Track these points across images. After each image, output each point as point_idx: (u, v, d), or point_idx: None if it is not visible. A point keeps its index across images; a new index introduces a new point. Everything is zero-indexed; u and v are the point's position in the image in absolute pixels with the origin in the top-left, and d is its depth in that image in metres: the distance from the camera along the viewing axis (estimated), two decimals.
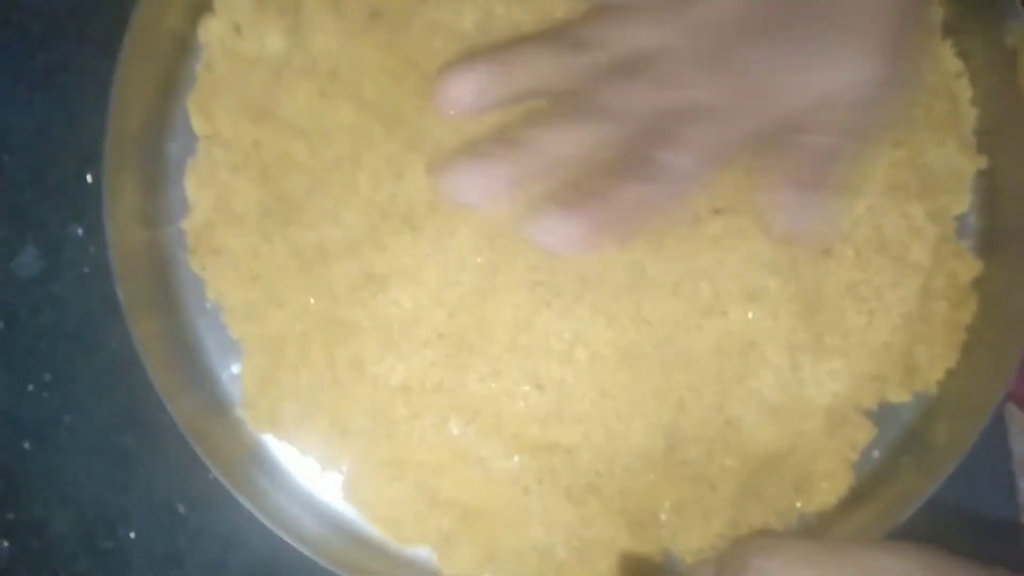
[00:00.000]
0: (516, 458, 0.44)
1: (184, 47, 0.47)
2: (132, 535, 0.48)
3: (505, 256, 0.44)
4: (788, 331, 0.44)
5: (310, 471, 0.45)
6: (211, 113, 0.46)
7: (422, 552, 0.45)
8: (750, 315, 0.44)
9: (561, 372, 0.44)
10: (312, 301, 0.45)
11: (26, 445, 0.48)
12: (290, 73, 0.45)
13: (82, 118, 0.48)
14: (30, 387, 0.48)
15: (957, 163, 0.46)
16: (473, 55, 0.40)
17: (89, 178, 0.49)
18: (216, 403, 0.46)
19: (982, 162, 0.46)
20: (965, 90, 0.46)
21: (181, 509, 0.48)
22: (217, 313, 0.46)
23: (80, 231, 0.49)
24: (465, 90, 0.39)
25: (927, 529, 0.41)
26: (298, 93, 0.45)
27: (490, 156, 0.38)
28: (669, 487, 0.44)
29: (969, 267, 0.46)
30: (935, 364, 0.45)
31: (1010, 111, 0.45)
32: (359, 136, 0.45)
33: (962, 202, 0.46)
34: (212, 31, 0.46)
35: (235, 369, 0.46)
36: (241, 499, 0.42)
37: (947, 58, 0.47)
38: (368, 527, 0.45)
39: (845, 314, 0.44)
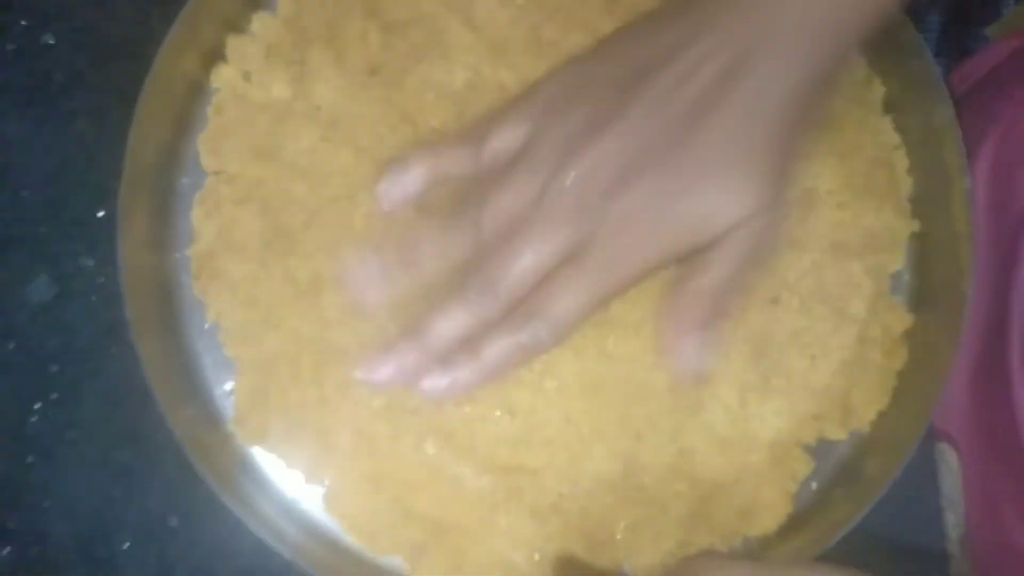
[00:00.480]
0: (486, 478, 0.46)
1: (197, 91, 0.50)
2: (126, 545, 0.50)
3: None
4: (738, 371, 0.47)
5: (294, 483, 0.48)
6: (220, 152, 0.49)
7: (395, 561, 0.47)
8: None
9: (531, 400, 0.47)
10: (304, 326, 0.47)
11: (30, 459, 0.50)
12: (294, 119, 0.49)
13: (96, 159, 0.52)
14: (37, 405, 0.51)
15: (893, 226, 0.50)
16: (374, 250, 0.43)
17: (100, 213, 0.52)
18: (210, 417, 0.48)
19: (915, 225, 0.50)
20: (902, 161, 0.50)
21: (173, 522, 0.50)
22: (215, 333, 0.48)
23: (91, 263, 0.52)
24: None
25: (865, 557, 0.44)
26: (301, 137, 0.49)
27: (399, 351, 0.41)
28: (625, 509, 0.47)
29: (901, 320, 0.49)
30: (869, 406, 0.48)
31: (940, 181, 0.49)
32: (354, 178, 0.48)
33: (897, 261, 0.50)
34: (224, 78, 0.50)
35: (228, 386, 0.49)
36: (229, 505, 0.44)
37: (887, 132, 0.51)
38: (346, 536, 0.47)
39: (789, 358, 0.48)
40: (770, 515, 0.48)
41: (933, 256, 0.50)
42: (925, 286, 0.50)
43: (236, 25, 0.50)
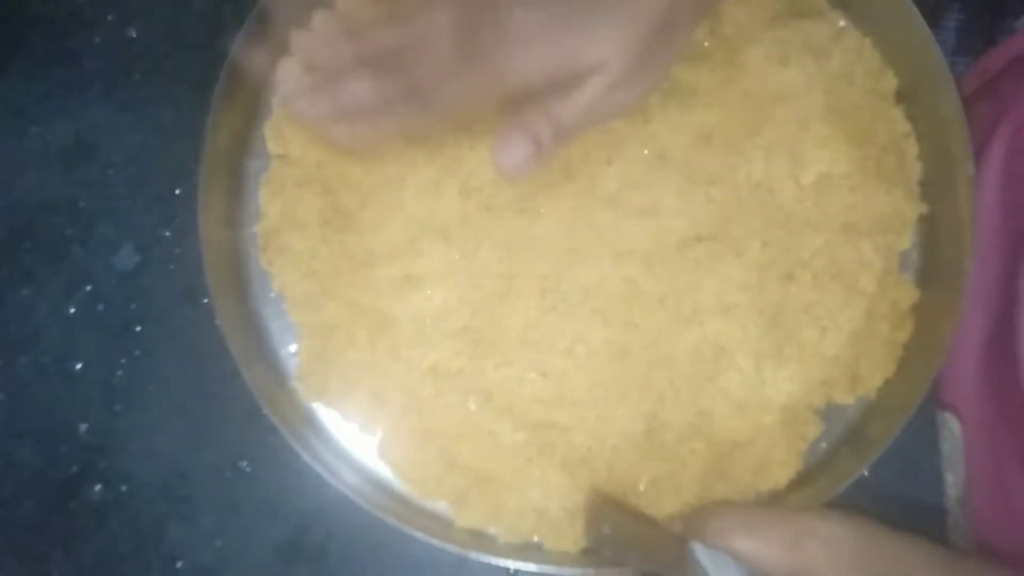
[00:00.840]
0: (521, 433, 0.50)
1: (264, 84, 0.53)
2: (201, 485, 0.55)
3: (521, 266, 0.51)
4: (754, 341, 0.51)
5: (350, 433, 0.52)
6: (284, 137, 0.54)
7: (440, 505, 0.51)
8: (723, 325, 0.51)
9: (563, 364, 0.51)
10: (359, 296, 0.52)
11: (117, 408, 0.56)
12: None
13: (173, 141, 0.57)
14: (122, 360, 0.56)
15: (903, 208, 0.53)
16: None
17: (177, 191, 0.57)
18: (277, 373, 0.53)
19: (923, 208, 0.53)
20: (912, 147, 0.53)
21: (242, 464, 0.55)
22: (280, 301, 0.53)
23: (168, 234, 0.57)
24: None
25: (870, 511, 0.45)
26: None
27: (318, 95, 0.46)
28: (647, 464, 0.50)
29: (908, 295, 0.52)
30: (875, 374, 0.52)
31: (946, 167, 0.51)
32: (405, 162, 0.52)
33: (905, 241, 0.53)
34: (288, 69, 0.52)
35: (292, 348, 0.54)
36: (298, 448, 0.49)
37: (898, 120, 0.53)
38: (396, 482, 0.52)
39: (802, 329, 0.51)
40: (782, 471, 0.51)
41: (939, 237, 0.53)
42: (931, 265, 0.53)
43: (300, 22, 0.53)
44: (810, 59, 0.53)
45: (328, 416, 0.53)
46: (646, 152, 0.52)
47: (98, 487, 0.55)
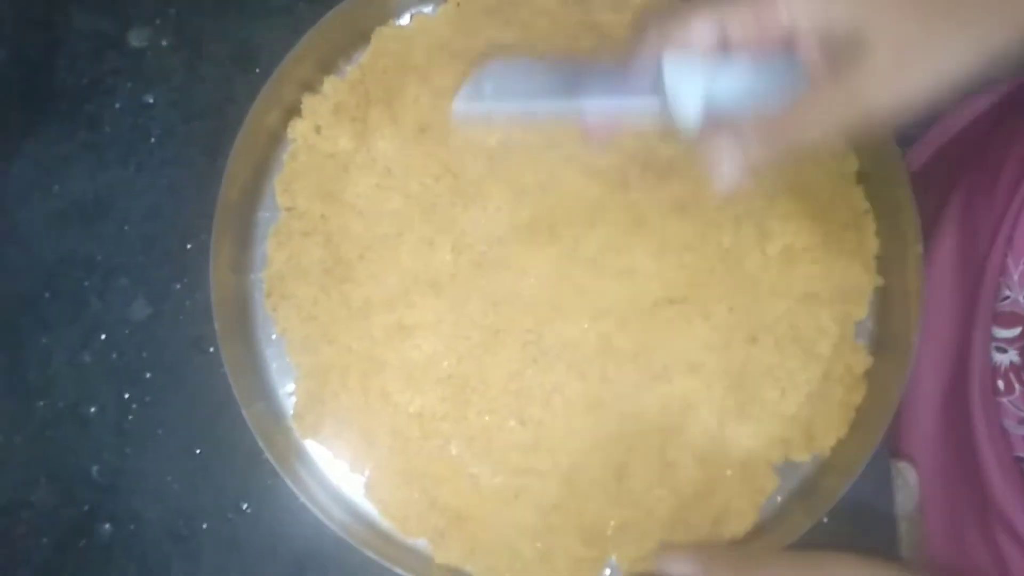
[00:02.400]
0: (500, 477, 0.54)
1: (276, 141, 0.58)
2: (204, 526, 0.58)
3: (506, 320, 0.55)
4: (719, 398, 0.54)
5: (340, 471, 0.56)
6: (292, 191, 0.57)
7: (421, 543, 0.55)
8: (690, 383, 0.54)
9: (540, 413, 0.54)
10: (355, 342, 0.55)
11: (128, 451, 0.59)
12: (355, 166, 0.57)
13: (185, 201, 0.60)
14: (134, 406, 0.59)
15: (860, 281, 0.56)
16: None
17: (189, 246, 0.60)
18: (274, 412, 0.57)
19: (879, 281, 0.57)
20: (870, 224, 0.57)
21: (244, 506, 0.58)
22: (281, 343, 0.57)
23: (179, 287, 0.60)
24: None
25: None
26: (359, 182, 0.57)
27: None
28: (616, 509, 0.54)
29: (862, 361, 0.56)
30: (830, 433, 0.55)
31: (899, 244, 0.55)
32: (403, 219, 0.56)
33: (861, 311, 0.56)
34: (298, 130, 0.58)
35: (290, 388, 0.57)
36: (289, 482, 0.52)
37: (858, 199, 0.57)
38: (380, 519, 0.55)
39: (763, 389, 0.55)
40: (740, 521, 0.54)
41: (891, 308, 0.56)
42: (884, 333, 0.57)
43: (311, 86, 0.58)
44: None
45: (320, 454, 0.56)
46: (627, 218, 0.56)
47: (107, 526, 0.58)
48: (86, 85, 0.61)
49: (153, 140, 0.61)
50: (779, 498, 0.56)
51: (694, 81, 0.38)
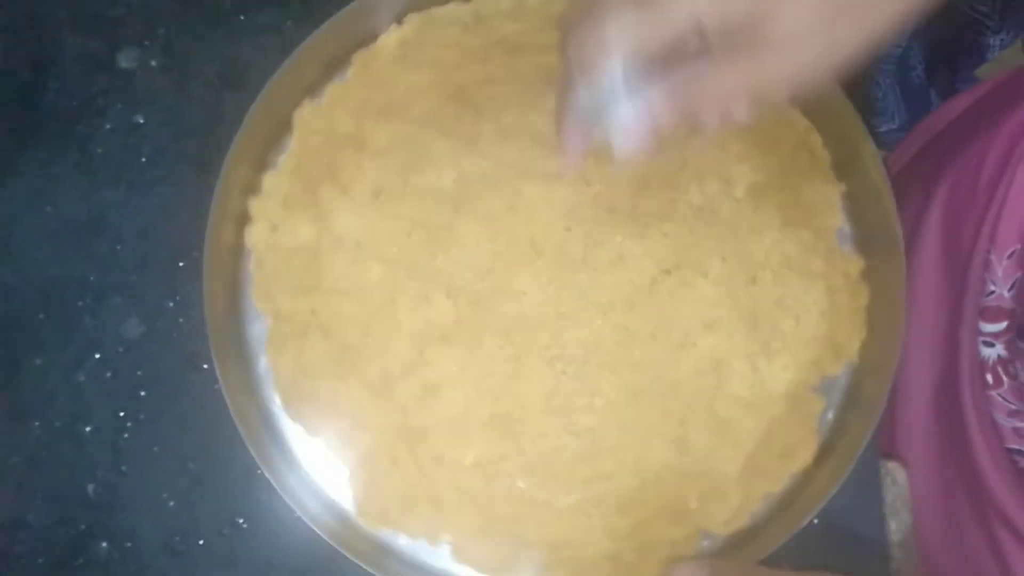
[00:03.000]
0: (573, 494, 0.54)
1: (238, 254, 0.57)
2: (201, 542, 0.57)
3: (523, 345, 0.55)
4: (743, 345, 0.55)
5: (334, 483, 0.56)
6: (271, 298, 0.56)
7: (419, 551, 0.55)
8: (712, 340, 0.55)
9: (588, 420, 0.54)
10: (388, 419, 0.55)
11: (123, 468, 0.58)
12: (324, 252, 0.56)
13: (177, 219, 0.61)
14: (129, 424, 0.59)
15: (826, 192, 0.58)
16: None
17: (181, 264, 0.60)
18: (270, 428, 0.57)
19: (842, 187, 0.59)
20: (817, 139, 0.59)
21: (240, 521, 0.57)
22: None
23: (172, 305, 0.60)
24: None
25: (819, 557, 0.53)
26: (334, 265, 0.56)
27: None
28: (691, 482, 0.54)
29: (855, 264, 0.58)
30: (852, 339, 0.56)
31: (850, 149, 0.57)
32: (389, 285, 0.56)
33: (836, 219, 0.58)
34: (255, 236, 0.57)
35: (343, 476, 0.56)
36: (285, 497, 0.52)
37: (797, 119, 0.59)
38: (374, 528, 0.55)
39: (779, 322, 0.56)
40: (804, 451, 0.55)
41: (862, 207, 0.58)
42: (865, 232, 0.59)
43: (253, 189, 0.57)
44: None
45: (316, 468, 0.56)
46: (599, 210, 0.57)
47: (104, 544, 0.57)
48: (77, 106, 0.61)
49: (144, 159, 0.61)
50: (829, 415, 0.57)
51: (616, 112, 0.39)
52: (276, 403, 0.56)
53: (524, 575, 0.54)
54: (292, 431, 0.56)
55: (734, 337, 0.55)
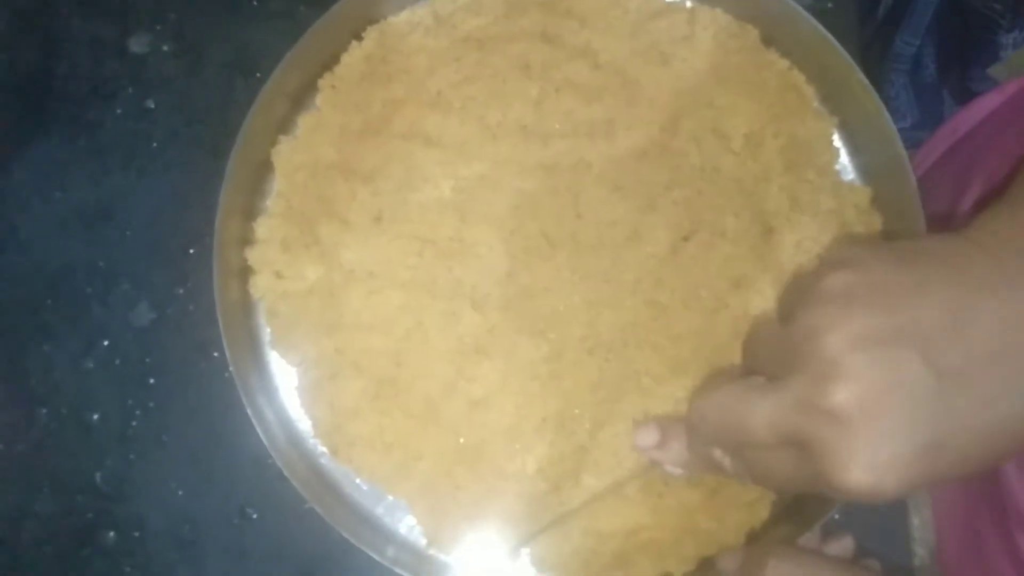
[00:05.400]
0: (641, 479, 0.53)
1: (248, 310, 0.55)
2: (210, 532, 0.57)
3: (559, 341, 0.54)
4: (773, 297, 0.54)
5: (343, 473, 0.55)
6: (293, 346, 0.55)
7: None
8: (743, 298, 0.54)
9: (644, 402, 0.53)
10: (440, 444, 0.53)
11: (132, 457, 0.58)
12: (337, 289, 0.54)
13: (188, 206, 0.60)
14: (138, 412, 0.58)
15: (819, 129, 0.58)
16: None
17: (191, 251, 0.59)
18: (281, 418, 0.55)
19: (834, 122, 0.59)
20: (799, 77, 0.59)
21: (249, 511, 0.57)
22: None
23: (182, 292, 0.60)
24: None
25: None
26: (351, 300, 0.54)
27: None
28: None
29: (862, 194, 0.57)
30: None
31: (837, 77, 0.57)
32: (413, 309, 0.54)
33: (834, 153, 0.58)
34: (260, 286, 0.55)
35: (408, 522, 0.55)
36: (297, 486, 0.51)
37: (777, 61, 0.59)
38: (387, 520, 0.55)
39: (802, 266, 0.55)
40: None
41: (857, 137, 0.58)
42: (866, 160, 0.59)
43: (247, 239, 0.55)
44: (682, 47, 0.58)
45: (326, 457, 0.55)
46: (604, 191, 0.56)
47: (112, 534, 0.57)
48: (87, 91, 0.61)
49: (155, 145, 0.61)
50: None
51: None
52: (288, 391, 0.55)
53: (612, 570, 0.53)
54: (303, 420, 0.55)
55: (763, 291, 0.54)
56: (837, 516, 0.54)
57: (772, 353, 0.42)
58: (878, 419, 0.34)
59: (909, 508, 0.57)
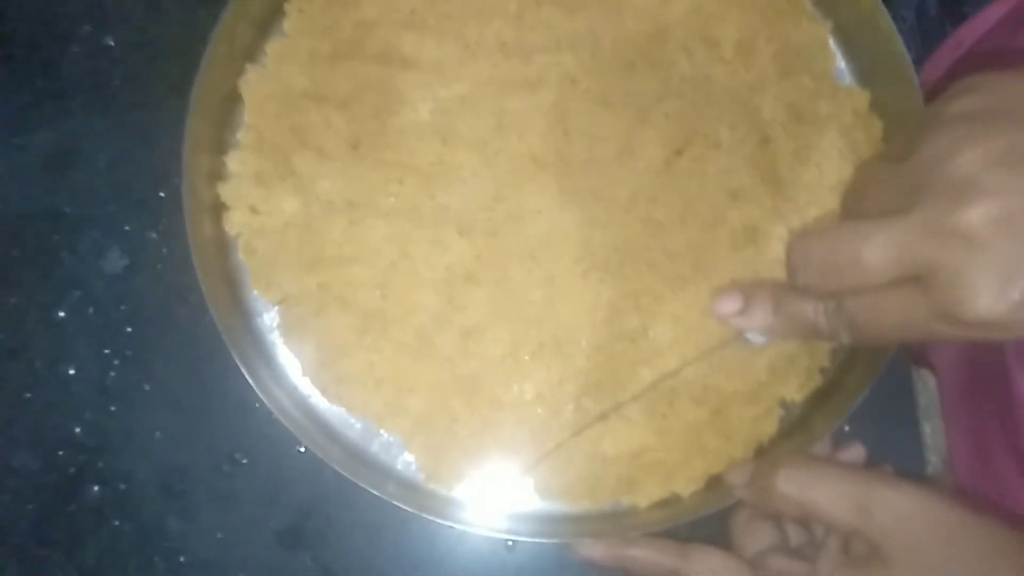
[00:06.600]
0: (643, 400, 0.52)
1: (223, 247, 0.53)
2: (199, 480, 0.56)
3: (552, 264, 0.52)
4: (772, 208, 0.53)
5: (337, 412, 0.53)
6: (274, 283, 0.53)
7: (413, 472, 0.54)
8: (741, 209, 0.53)
9: (639, 321, 0.52)
10: (436, 377, 0.52)
11: (113, 408, 0.56)
12: (316, 220, 0.52)
13: (154, 145, 0.58)
14: (116, 361, 0.56)
15: (812, 32, 0.56)
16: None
17: (162, 194, 0.57)
18: (264, 355, 0.53)
19: (829, 24, 0.57)
20: None
21: (238, 456, 0.56)
22: None
23: (155, 236, 0.57)
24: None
25: None
26: (332, 231, 0.52)
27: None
28: (756, 355, 0.53)
29: (861, 98, 0.56)
30: None
31: None
32: (397, 238, 0.52)
33: (831, 57, 0.57)
34: (236, 222, 0.53)
35: (407, 457, 0.53)
36: (290, 427, 0.49)
37: None
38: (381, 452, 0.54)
39: (800, 175, 0.54)
40: None
41: (852, 38, 0.57)
42: (863, 62, 0.57)
43: (219, 175, 0.53)
44: None
45: (318, 397, 0.53)
46: (592, 105, 0.54)
47: (96, 488, 0.55)
48: (40, 30, 0.58)
49: (117, 83, 0.58)
50: None
51: None
52: (271, 331, 0.53)
53: (612, 495, 0.52)
54: (290, 360, 0.53)
55: (762, 202, 0.53)
56: (847, 428, 0.53)
57: (888, 191, 0.38)
58: (1017, 240, 0.32)
59: (920, 416, 0.56)
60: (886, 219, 0.36)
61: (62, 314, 0.56)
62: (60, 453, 0.55)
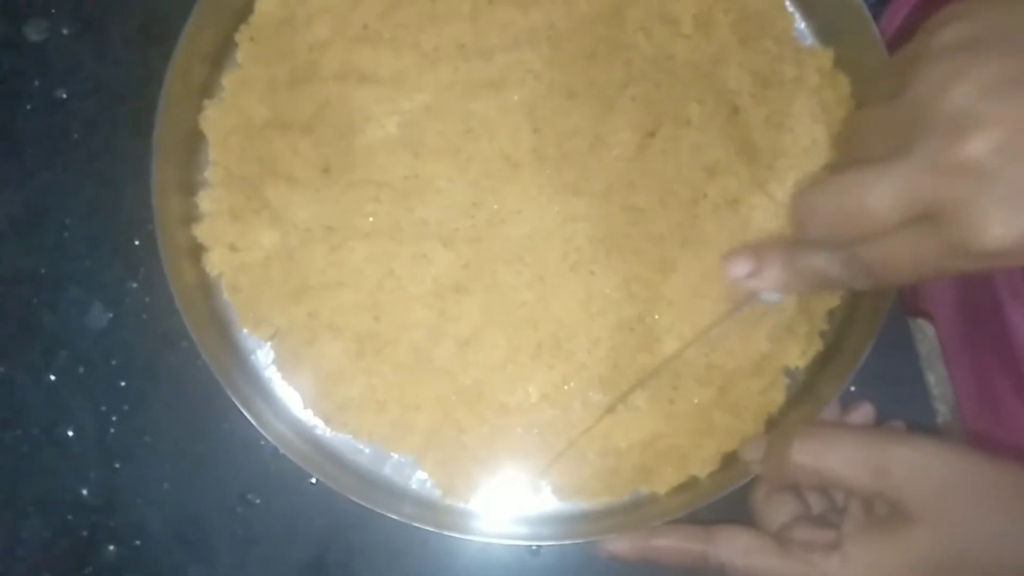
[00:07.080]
0: (648, 386, 0.51)
1: (206, 289, 0.53)
2: (214, 526, 0.55)
3: (539, 263, 0.52)
4: (750, 178, 0.53)
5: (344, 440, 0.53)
6: (263, 319, 0.52)
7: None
8: (719, 184, 0.53)
9: (634, 308, 0.51)
10: (438, 390, 0.51)
11: (117, 465, 0.55)
12: (297, 251, 0.52)
13: (123, 192, 0.57)
14: (114, 417, 0.56)
15: None
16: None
17: (136, 242, 0.56)
18: (262, 392, 0.53)
19: None
20: None
21: (250, 497, 0.55)
22: None
23: (135, 285, 0.56)
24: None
25: None
26: (314, 259, 0.51)
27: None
28: (754, 327, 0.52)
29: (823, 57, 0.55)
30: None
31: None
32: (380, 258, 0.51)
33: (789, 18, 0.56)
34: (216, 262, 0.52)
35: (419, 476, 0.53)
36: (298, 462, 0.49)
37: None
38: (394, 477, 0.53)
39: (775, 141, 0.53)
40: None
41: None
42: (820, 24, 0.57)
43: (192, 217, 0.52)
44: None
45: (320, 426, 0.53)
46: (558, 99, 0.53)
47: (111, 547, 0.55)
48: None
49: (75, 135, 0.57)
50: None
51: None
52: (267, 367, 0.53)
53: (614, 492, 0.52)
54: (289, 394, 0.53)
55: (739, 173, 0.52)
56: (853, 388, 0.53)
57: (883, 133, 0.37)
58: (1021, 166, 0.32)
59: (923, 367, 0.56)
60: (887, 162, 0.35)
61: (53, 377, 0.55)
62: (69, 517, 0.54)
